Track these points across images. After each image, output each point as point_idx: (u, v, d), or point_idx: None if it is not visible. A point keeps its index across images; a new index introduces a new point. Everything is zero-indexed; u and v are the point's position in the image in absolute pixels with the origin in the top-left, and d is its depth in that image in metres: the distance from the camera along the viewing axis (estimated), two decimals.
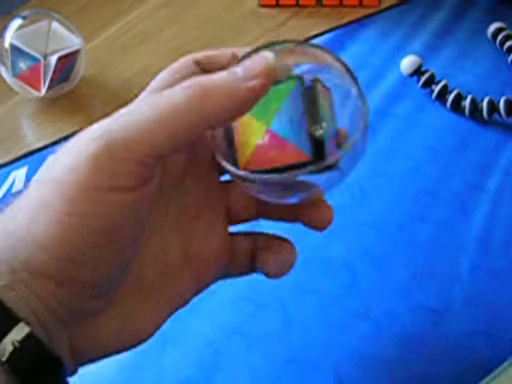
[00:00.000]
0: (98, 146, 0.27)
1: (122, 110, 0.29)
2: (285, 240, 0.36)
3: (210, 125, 0.28)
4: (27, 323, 0.26)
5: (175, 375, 0.42)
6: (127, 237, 0.29)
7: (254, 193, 0.33)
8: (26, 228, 0.27)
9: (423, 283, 0.47)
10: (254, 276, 0.46)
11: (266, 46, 0.32)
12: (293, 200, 0.34)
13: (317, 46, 0.33)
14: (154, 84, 0.33)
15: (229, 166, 0.31)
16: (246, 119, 0.31)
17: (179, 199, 0.34)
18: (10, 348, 0.26)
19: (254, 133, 0.31)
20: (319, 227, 0.35)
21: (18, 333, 0.26)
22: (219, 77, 0.28)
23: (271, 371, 0.42)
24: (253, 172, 0.31)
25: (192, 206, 0.34)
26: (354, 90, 0.33)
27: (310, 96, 0.32)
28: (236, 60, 0.32)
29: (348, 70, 0.33)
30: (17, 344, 0.26)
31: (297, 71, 0.34)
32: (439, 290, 0.46)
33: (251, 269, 0.36)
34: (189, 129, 0.28)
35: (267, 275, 0.36)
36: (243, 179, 0.31)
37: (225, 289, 0.45)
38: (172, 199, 0.34)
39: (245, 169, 0.31)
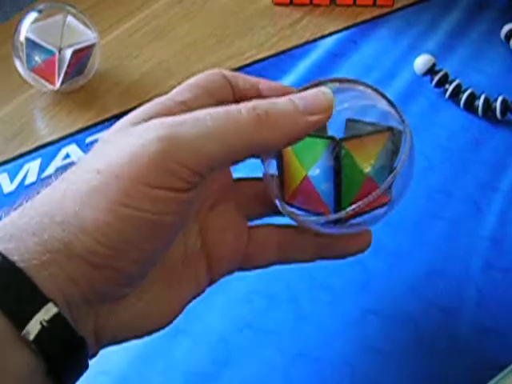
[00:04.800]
0: (160, 147, 0.28)
1: (188, 115, 0.30)
2: None
3: (266, 148, 0.30)
4: (55, 304, 0.26)
5: (186, 367, 0.42)
6: (170, 234, 0.30)
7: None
8: (73, 212, 0.28)
9: (436, 281, 0.47)
10: (267, 270, 0.46)
11: (311, 86, 0.34)
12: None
13: (356, 81, 0.35)
14: (177, 91, 0.33)
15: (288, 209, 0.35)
16: (292, 156, 0.33)
17: (201, 193, 0.35)
18: (37, 327, 0.26)
19: (297, 172, 0.33)
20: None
21: (46, 313, 0.26)
22: (282, 106, 0.30)
23: (283, 365, 0.42)
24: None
25: (210, 199, 0.36)
26: (395, 114, 0.34)
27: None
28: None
29: (387, 99, 0.35)
30: (45, 323, 0.26)
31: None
32: (451, 288, 0.46)
33: (273, 261, 0.37)
34: (247, 149, 0.29)
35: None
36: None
37: (237, 283, 0.46)
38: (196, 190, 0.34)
39: (289, 199, 0.34)
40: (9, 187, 0.54)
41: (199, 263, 0.34)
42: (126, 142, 0.29)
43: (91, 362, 0.30)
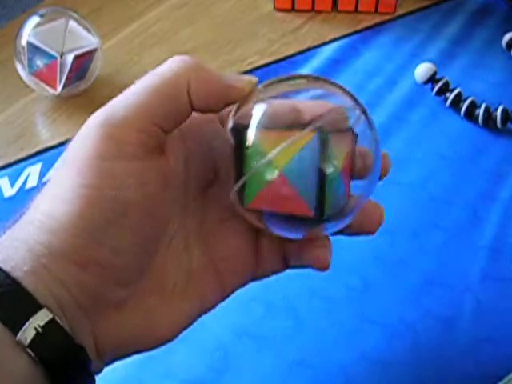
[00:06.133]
0: (100, 120, 0.29)
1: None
2: None
3: (196, 90, 0.31)
4: (50, 309, 0.27)
5: (184, 374, 0.42)
6: (140, 213, 0.30)
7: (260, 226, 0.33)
8: (47, 213, 0.29)
9: (434, 290, 0.47)
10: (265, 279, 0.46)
11: (278, 81, 0.33)
12: (297, 236, 0.33)
13: (327, 80, 0.33)
14: None
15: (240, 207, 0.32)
16: (259, 154, 0.31)
17: (204, 205, 0.35)
18: (32, 332, 0.26)
19: (266, 171, 0.30)
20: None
21: (41, 318, 0.26)
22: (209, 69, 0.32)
23: (280, 373, 0.42)
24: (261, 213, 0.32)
25: (216, 213, 0.35)
26: (362, 119, 0.32)
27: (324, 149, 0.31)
28: None
29: (356, 101, 0.32)
30: (39, 329, 0.26)
31: (307, 95, 0.34)
32: (450, 297, 0.46)
33: (283, 267, 0.36)
34: (177, 94, 0.30)
35: (319, 269, 0.34)
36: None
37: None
38: (197, 205, 0.34)
39: (252, 204, 0.31)
40: (9, 191, 0.54)
41: (206, 279, 0.34)
42: (79, 133, 0.30)
43: None
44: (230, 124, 0.32)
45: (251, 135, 0.31)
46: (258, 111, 0.31)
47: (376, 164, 0.32)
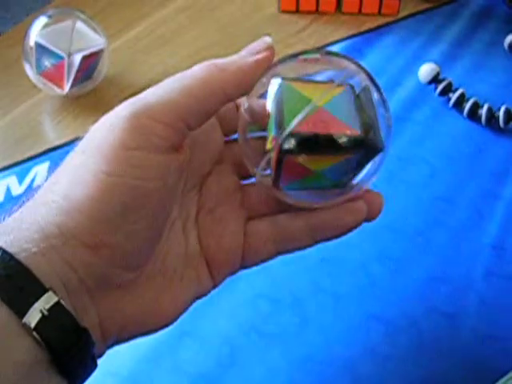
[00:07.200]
0: (131, 110, 0.30)
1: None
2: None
3: (228, 92, 0.32)
4: (55, 292, 0.27)
5: (192, 369, 0.43)
6: (157, 203, 0.31)
7: (282, 192, 0.34)
8: (63, 194, 0.29)
9: (438, 287, 0.47)
10: (272, 274, 0.47)
11: (292, 56, 0.35)
12: (319, 200, 0.35)
13: (341, 55, 0.35)
14: None
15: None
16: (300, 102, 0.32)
17: (201, 194, 0.36)
18: (38, 315, 0.26)
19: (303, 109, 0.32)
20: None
21: (47, 301, 0.26)
22: (230, 58, 0.33)
23: (287, 369, 0.43)
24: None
25: (209, 202, 0.36)
26: (376, 97, 0.34)
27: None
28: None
29: (370, 78, 0.34)
30: (45, 312, 0.26)
31: (321, 78, 0.35)
32: (453, 295, 0.47)
33: (271, 255, 0.37)
34: (209, 97, 0.32)
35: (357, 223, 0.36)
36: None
37: (243, 287, 0.46)
38: (195, 193, 0.36)
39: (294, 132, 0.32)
40: (18, 190, 0.54)
41: (200, 265, 0.35)
42: (105, 121, 0.31)
43: (98, 363, 0.30)
44: (245, 105, 0.34)
45: (286, 86, 0.33)
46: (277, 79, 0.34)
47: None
